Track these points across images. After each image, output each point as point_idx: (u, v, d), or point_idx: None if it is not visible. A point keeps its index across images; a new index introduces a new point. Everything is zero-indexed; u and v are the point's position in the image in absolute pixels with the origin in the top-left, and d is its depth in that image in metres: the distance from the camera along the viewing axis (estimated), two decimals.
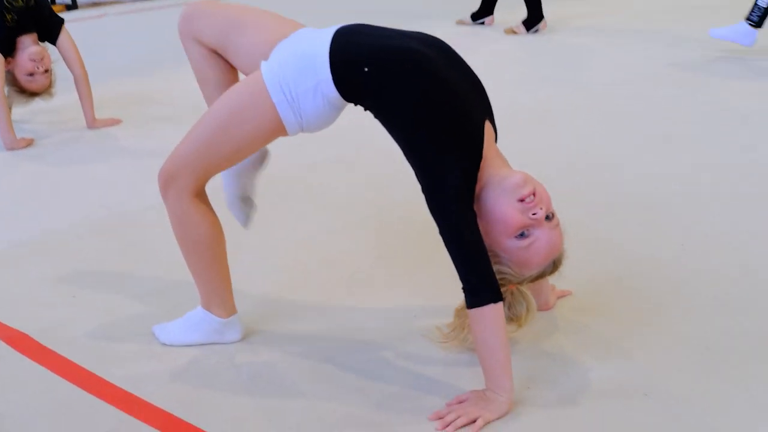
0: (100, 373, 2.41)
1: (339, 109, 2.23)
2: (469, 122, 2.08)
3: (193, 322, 2.46)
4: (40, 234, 3.41)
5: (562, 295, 2.64)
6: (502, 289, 2.12)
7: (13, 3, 4.23)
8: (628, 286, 2.73)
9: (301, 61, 2.15)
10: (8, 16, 4.21)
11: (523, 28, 6.67)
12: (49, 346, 2.57)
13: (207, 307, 2.43)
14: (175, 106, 5.04)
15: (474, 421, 2.01)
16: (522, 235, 2.10)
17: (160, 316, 2.67)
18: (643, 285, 2.73)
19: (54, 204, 3.70)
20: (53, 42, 4.47)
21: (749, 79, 5.23)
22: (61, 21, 4.47)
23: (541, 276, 2.21)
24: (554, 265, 2.20)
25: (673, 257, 2.92)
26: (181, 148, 2.24)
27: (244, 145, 2.21)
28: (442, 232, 2.05)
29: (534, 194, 2.07)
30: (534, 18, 6.67)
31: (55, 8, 6.66)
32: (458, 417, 2.02)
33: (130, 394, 2.30)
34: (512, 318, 2.25)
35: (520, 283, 2.21)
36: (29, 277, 3.04)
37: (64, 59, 4.50)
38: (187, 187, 2.24)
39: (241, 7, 2.36)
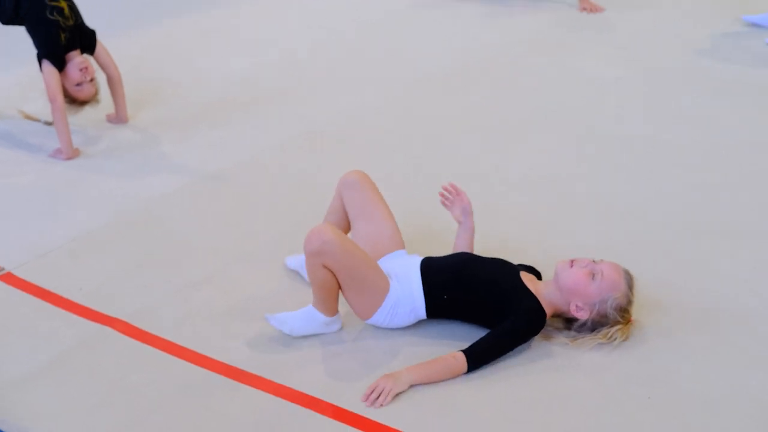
0: (214, 355, 2.78)
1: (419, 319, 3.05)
2: (512, 290, 2.93)
3: (308, 316, 2.95)
4: (114, 219, 3.68)
5: None
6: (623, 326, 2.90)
7: (66, 23, 4.55)
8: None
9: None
10: (62, 36, 4.51)
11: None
12: (151, 330, 2.90)
13: (316, 306, 2.95)
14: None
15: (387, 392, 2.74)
16: (594, 277, 2.85)
17: (249, 302, 3.07)
18: None
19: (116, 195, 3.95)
20: (92, 53, 4.76)
21: None
22: (94, 32, 4.78)
23: (632, 288, 2.89)
24: (629, 275, 2.89)
25: None
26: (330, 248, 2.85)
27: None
28: (505, 329, 2.85)
29: (572, 260, 2.92)
30: None
31: None
32: (375, 391, 2.73)
33: (262, 378, 2.71)
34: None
35: (629, 311, 2.89)
36: (111, 263, 3.32)
37: (101, 65, 4.75)
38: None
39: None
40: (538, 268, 3.10)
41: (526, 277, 3.00)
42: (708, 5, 6.17)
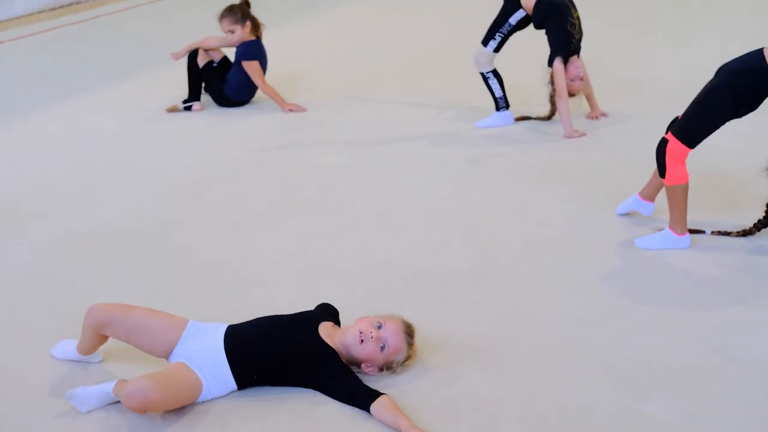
0: None
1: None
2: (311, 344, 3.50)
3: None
4: None
5: None
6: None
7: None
8: None
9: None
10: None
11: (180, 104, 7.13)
12: None
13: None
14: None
15: None
16: (382, 350, 3.46)
17: None
18: None
19: None
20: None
21: None
22: None
23: (412, 341, 3.56)
24: (409, 330, 3.55)
25: None
26: None
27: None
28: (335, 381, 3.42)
29: (360, 332, 3.46)
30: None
31: None
32: None
33: None
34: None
35: (411, 357, 3.57)
36: None
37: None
38: None
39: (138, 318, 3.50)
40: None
41: (324, 329, 3.54)
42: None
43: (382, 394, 3.32)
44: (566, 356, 3.66)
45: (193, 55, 7.03)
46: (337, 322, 3.71)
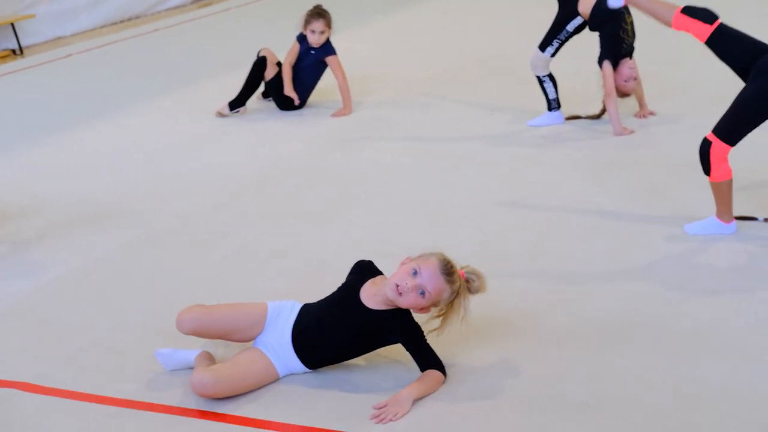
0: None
1: None
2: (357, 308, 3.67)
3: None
4: None
5: None
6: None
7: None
8: None
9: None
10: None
11: (227, 109, 7.45)
12: None
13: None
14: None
15: (395, 414, 3.39)
16: (424, 295, 3.52)
17: None
18: None
19: None
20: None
21: None
22: None
23: (452, 274, 3.54)
24: (445, 266, 3.53)
25: None
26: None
27: None
28: (413, 344, 3.60)
29: (396, 285, 3.52)
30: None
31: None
32: (384, 414, 3.39)
33: None
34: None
35: (457, 289, 3.57)
36: None
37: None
38: None
39: (222, 318, 3.72)
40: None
41: (368, 291, 3.64)
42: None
43: (434, 369, 3.52)
44: (622, 329, 3.94)
45: (261, 67, 7.38)
46: (378, 272, 3.75)
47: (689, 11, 4.70)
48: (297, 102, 7.43)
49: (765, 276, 4.36)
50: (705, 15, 4.69)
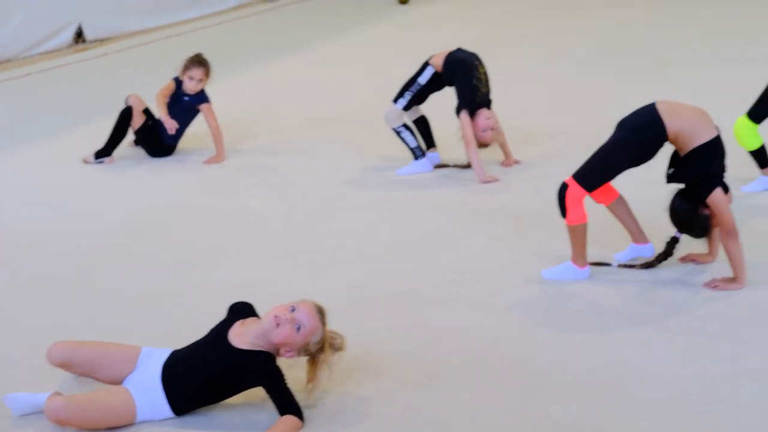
0: None
1: None
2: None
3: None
4: None
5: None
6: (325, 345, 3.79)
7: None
8: None
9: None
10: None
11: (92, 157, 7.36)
12: None
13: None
14: None
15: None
16: (298, 330, 3.69)
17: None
18: None
19: None
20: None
21: None
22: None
23: (325, 322, 3.79)
24: (322, 312, 3.78)
25: None
26: None
27: None
28: (275, 391, 3.67)
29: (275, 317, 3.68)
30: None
31: None
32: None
33: None
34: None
35: (325, 339, 3.79)
36: None
37: None
38: None
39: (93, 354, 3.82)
40: None
41: (236, 330, 3.75)
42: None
43: (292, 414, 3.60)
44: (478, 370, 4.11)
45: (126, 117, 7.34)
46: (253, 314, 3.90)
47: None
48: (172, 131, 7.39)
49: (616, 318, 4.57)
50: None
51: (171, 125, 7.34)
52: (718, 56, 10.39)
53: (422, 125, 7.14)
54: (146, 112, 7.45)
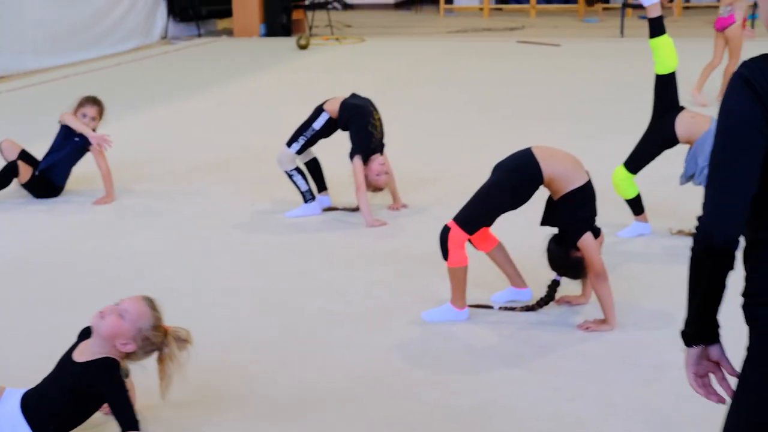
0: None
1: None
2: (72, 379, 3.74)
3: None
4: None
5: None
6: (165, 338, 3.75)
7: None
8: None
9: None
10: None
11: None
12: None
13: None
14: None
15: None
16: (122, 317, 3.61)
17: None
18: None
19: None
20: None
21: None
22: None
23: (156, 309, 3.77)
24: (149, 300, 3.73)
25: None
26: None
27: None
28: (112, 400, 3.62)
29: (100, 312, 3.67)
30: None
31: None
32: None
33: None
34: None
35: (160, 326, 3.74)
36: None
37: None
38: None
39: None
40: None
41: (80, 348, 3.70)
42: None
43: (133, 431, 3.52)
44: (355, 408, 4.17)
45: (13, 172, 7.27)
46: None
47: None
48: (106, 143, 7.29)
49: (491, 358, 4.68)
50: None
51: (99, 139, 7.28)
52: (600, 104, 10.75)
53: (314, 167, 7.23)
54: (25, 157, 7.37)
